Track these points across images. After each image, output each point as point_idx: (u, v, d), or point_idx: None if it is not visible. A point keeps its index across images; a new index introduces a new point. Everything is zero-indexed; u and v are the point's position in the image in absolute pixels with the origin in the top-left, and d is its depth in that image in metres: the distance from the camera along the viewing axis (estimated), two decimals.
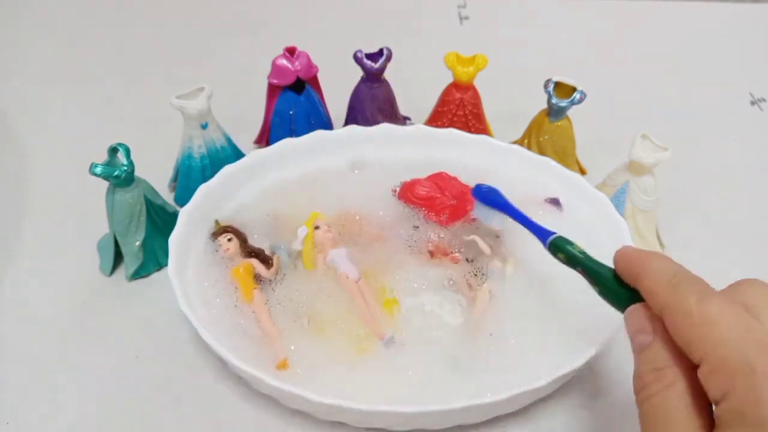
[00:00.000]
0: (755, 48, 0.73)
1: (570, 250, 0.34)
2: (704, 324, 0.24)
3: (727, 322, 0.24)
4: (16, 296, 0.44)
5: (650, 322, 0.27)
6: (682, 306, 0.25)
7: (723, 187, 0.54)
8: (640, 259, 0.29)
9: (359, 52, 0.50)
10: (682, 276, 0.27)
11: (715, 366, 0.23)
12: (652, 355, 0.26)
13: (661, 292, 0.27)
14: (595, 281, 0.32)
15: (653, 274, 0.28)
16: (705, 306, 0.25)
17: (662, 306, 0.26)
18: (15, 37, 0.71)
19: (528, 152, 0.48)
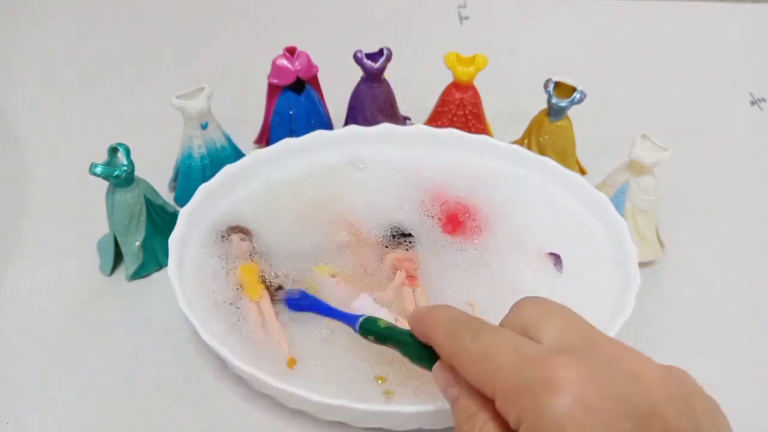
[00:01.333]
0: (755, 48, 0.73)
1: (376, 328, 0.33)
2: (482, 360, 0.25)
3: (499, 350, 0.25)
4: (16, 296, 0.44)
5: (453, 375, 0.28)
6: (461, 349, 0.26)
7: (723, 187, 0.54)
8: (426, 315, 0.30)
9: (359, 52, 0.50)
10: (458, 321, 0.28)
11: (504, 395, 0.24)
12: (462, 405, 0.27)
13: (445, 343, 0.28)
14: (403, 351, 0.32)
15: (436, 327, 0.28)
16: (478, 343, 0.26)
17: (449, 356, 0.27)
18: (15, 37, 0.71)
19: (528, 152, 0.48)
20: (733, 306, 0.45)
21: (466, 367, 0.26)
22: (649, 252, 0.46)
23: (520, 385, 0.23)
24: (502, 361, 0.25)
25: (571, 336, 0.25)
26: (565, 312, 0.27)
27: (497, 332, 0.26)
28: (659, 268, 0.47)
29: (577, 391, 0.22)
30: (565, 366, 0.23)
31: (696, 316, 0.44)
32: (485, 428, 0.25)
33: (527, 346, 0.25)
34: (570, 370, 0.23)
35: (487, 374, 0.25)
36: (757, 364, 0.42)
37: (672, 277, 0.47)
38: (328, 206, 0.46)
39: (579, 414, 0.22)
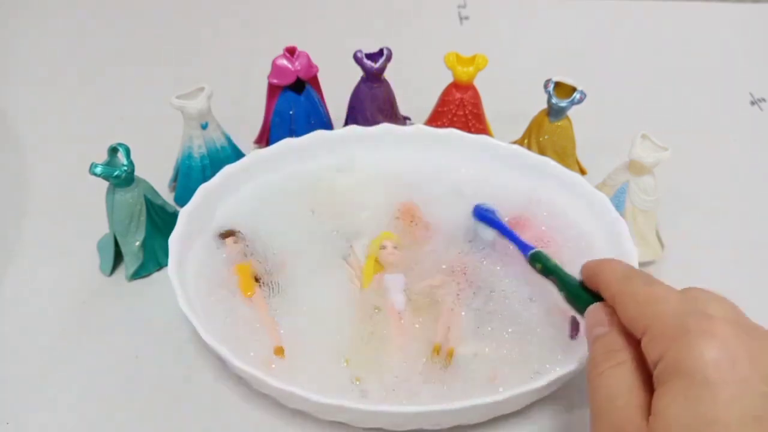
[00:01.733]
0: (755, 48, 0.73)
1: (546, 261, 0.37)
2: (648, 302, 0.27)
3: (668, 298, 0.27)
4: (16, 296, 0.44)
5: (607, 316, 0.29)
6: (630, 290, 0.28)
7: (723, 187, 0.54)
8: (600, 263, 0.32)
9: (359, 52, 0.50)
10: (634, 271, 0.30)
11: (655, 334, 0.26)
12: (606, 341, 0.28)
13: (614, 283, 0.30)
14: (564, 287, 0.35)
15: (608, 271, 0.31)
16: (650, 288, 0.28)
17: (614, 294, 0.29)
18: (15, 37, 0.71)
19: (528, 152, 0.48)
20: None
21: (629, 305, 0.28)
22: (649, 252, 0.46)
23: (678, 327, 0.25)
24: (669, 305, 0.26)
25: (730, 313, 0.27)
26: (729, 302, 0.28)
27: (671, 288, 0.28)
28: (659, 268, 0.47)
29: (728, 347, 0.24)
30: (723, 326, 0.24)
31: None
32: (621, 366, 0.27)
33: (696, 305, 0.26)
34: (726, 330, 0.24)
35: (647, 314, 0.26)
36: None
37: (672, 277, 0.46)
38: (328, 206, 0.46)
39: (725, 364, 0.23)
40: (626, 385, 0.26)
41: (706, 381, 0.23)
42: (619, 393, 0.26)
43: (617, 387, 0.26)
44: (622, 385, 0.26)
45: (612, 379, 0.27)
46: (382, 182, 0.48)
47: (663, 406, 0.24)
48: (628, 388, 0.26)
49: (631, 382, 0.26)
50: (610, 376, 0.27)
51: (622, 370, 0.27)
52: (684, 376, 0.24)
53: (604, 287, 0.30)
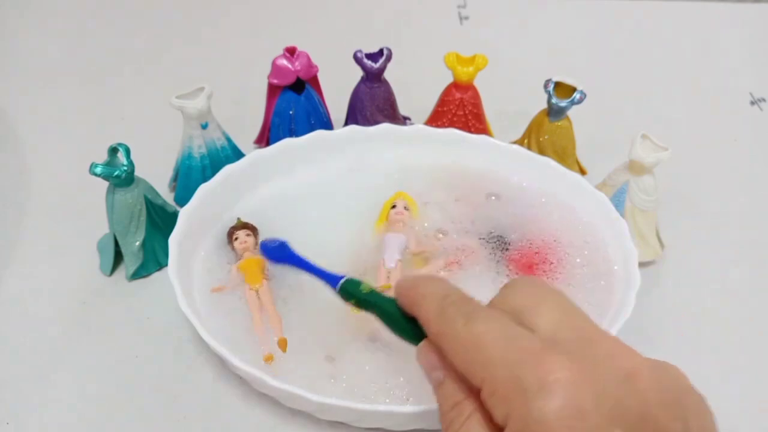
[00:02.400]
0: (755, 48, 0.73)
1: (358, 292, 0.32)
2: (473, 346, 0.24)
3: (492, 339, 0.24)
4: (16, 296, 0.44)
5: (439, 357, 0.26)
6: (451, 332, 0.25)
7: (723, 187, 0.54)
8: (415, 286, 0.28)
9: (359, 52, 0.50)
10: (451, 299, 0.26)
11: (491, 389, 0.23)
12: (447, 391, 0.26)
13: (432, 319, 0.26)
14: (385, 319, 0.30)
15: (425, 302, 0.27)
16: (470, 327, 0.24)
17: (436, 335, 0.26)
18: (15, 37, 0.71)
19: (528, 152, 0.48)
20: (733, 306, 0.45)
21: (455, 351, 0.25)
22: (649, 252, 0.46)
23: (511, 381, 0.22)
24: (495, 351, 0.23)
25: (567, 329, 0.25)
26: (562, 300, 0.26)
27: (491, 318, 0.25)
28: (659, 268, 0.47)
29: (570, 395, 0.21)
30: (560, 366, 0.22)
31: (696, 316, 0.44)
32: (471, 419, 0.24)
33: (521, 338, 0.24)
34: (564, 371, 0.22)
35: (477, 363, 0.24)
36: (756, 364, 0.42)
37: (672, 277, 0.47)
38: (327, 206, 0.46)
39: (571, 419, 0.21)
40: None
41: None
42: None
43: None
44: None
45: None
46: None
47: None
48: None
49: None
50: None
51: (473, 424, 0.24)
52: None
53: (425, 324, 0.27)
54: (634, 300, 0.38)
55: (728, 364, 0.41)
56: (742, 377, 0.41)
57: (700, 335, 0.43)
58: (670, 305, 0.45)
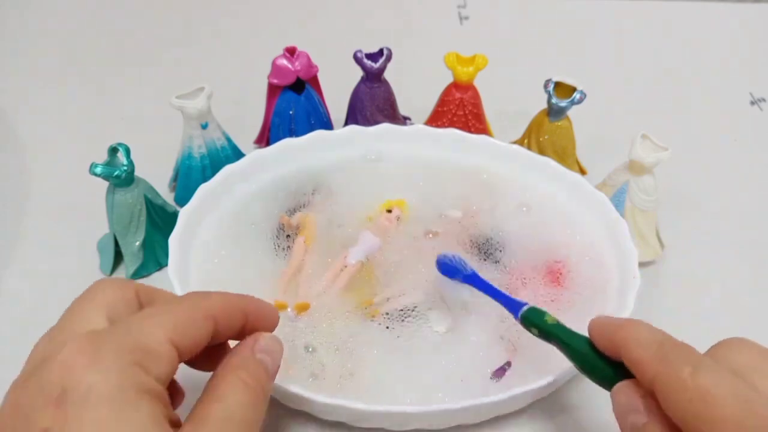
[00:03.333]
0: (755, 48, 0.73)
1: (543, 323, 0.31)
2: (701, 399, 0.23)
3: (724, 396, 0.23)
4: (16, 296, 0.44)
5: (642, 399, 0.25)
6: (674, 379, 0.24)
7: (723, 187, 0.54)
8: (620, 328, 0.27)
9: (359, 52, 0.50)
10: (670, 344, 0.26)
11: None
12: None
13: (649, 362, 0.25)
14: (572, 356, 0.30)
15: (637, 344, 0.26)
16: (699, 378, 0.23)
17: (652, 378, 0.25)
18: (15, 37, 0.71)
19: (528, 152, 0.48)
20: (733, 306, 0.45)
21: (676, 401, 0.24)
22: (649, 252, 0.46)
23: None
24: (728, 410, 0.22)
25: None
26: None
27: (719, 371, 0.24)
28: (659, 268, 0.47)
29: None
30: None
31: (696, 316, 0.44)
32: None
33: (756, 402, 0.23)
34: None
35: (704, 419, 0.23)
36: None
37: (672, 277, 0.47)
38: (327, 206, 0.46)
39: None
40: None
41: None
42: None
43: None
44: None
45: None
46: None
47: None
48: None
49: None
50: None
51: None
52: None
53: (634, 366, 0.26)
54: (634, 300, 0.38)
55: None
56: None
57: (700, 335, 0.43)
58: (670, 305, 0.45)
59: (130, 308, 0.27)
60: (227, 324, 0.28)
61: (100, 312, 0.26)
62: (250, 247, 0.43)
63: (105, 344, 0.24)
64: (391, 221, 0.44)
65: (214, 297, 0.28)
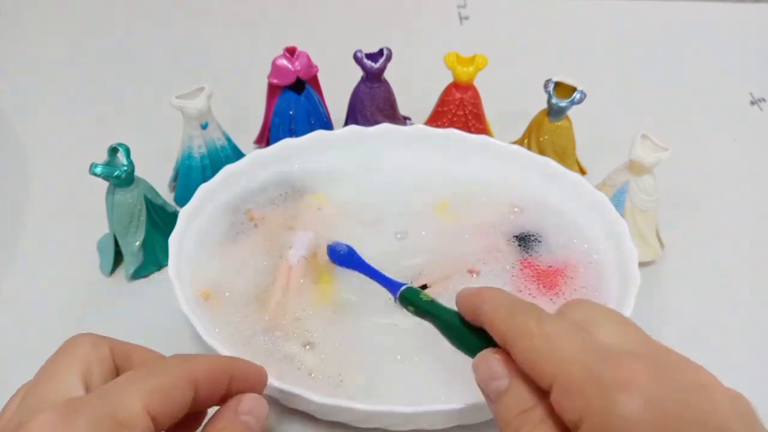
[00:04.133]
0: (755, 48, 0.73)
1: (418, 300, 0.33)
2: (546, 343, 0.24)
3: (566, 338, 0.24)
4: (16, 296, 0.44)
5: (503, 364, 0.26)
6: (523, 329, 0.25)
7: (723, 187, 0.54)
8: (477, 294, 0.29)
9: (359, 52, 0.50)
10: (518, 303, 0.27)
11: (565, 387, 0.23)
12: (513, 399, 0.25)
13: (502, 319, 0.26)
14: (443, 329, 0.31)
15: (490, 305, 0.27)
16: (544, 325, 0.24)
17: (504, 333, 0.26)
18: (15, 37, 0.71)
19: (528, 152, 0.48)
20: (733, 306, 0.45)
21: (525, 350, 0.24)
22: (649, 252, 0.46)
23: (587, 379, 0.22)
24: (570, 349, 0.23)
25: (632, 342, 0.24)
26: (621, 317, 0.26)
27: (562, 320, 0.25)
28: (659, 268, 0.47)
29: (650, 395, 0.21)
30: (637, 368, 0.22)
31: (696, 316, 0.44)
32: (543, 424, 0.24)
33: (593, 340, 0.24)
34: (641, 373, 0.22)
35: (550, 360, 0.23)
36: (757, 364, 0.42)
37: (672, 277, 0.47)
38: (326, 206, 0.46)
39: (650, 418, 0.21)
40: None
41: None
42: None
43: None
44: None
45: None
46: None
47: None
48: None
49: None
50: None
51: (544, 430, 0.24)
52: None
53: (489, 326, 0.27)
54: (634, 300, 0.38)
55: (728, 364, 0.41)
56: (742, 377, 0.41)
57: (700, 335, 0.43)
58: (670, 305, 0.45)
59: (105, 368, 0.27)
60: (210, 389, 0.27)
61: (74, 374, 0.26)
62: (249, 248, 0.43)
63: (79, 417, 0.23)
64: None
65: (196, 361, 0.27)
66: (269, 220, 0.45)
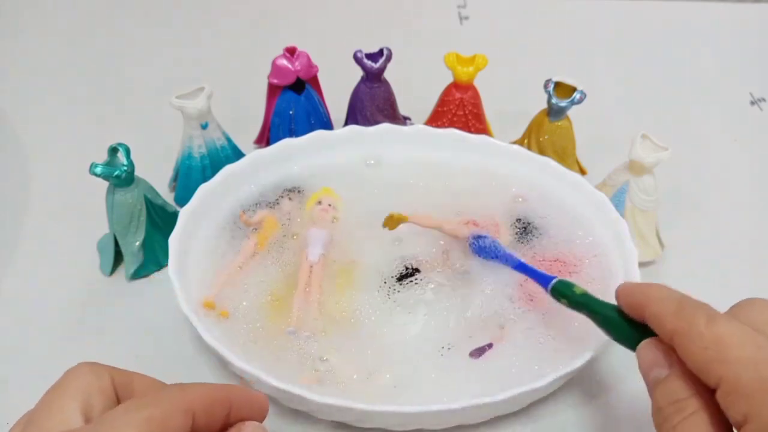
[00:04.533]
0: (755, 48, 0.73)
1: (572, 294, 0.34)
2: (716, 345, 0.24)
3: (738, 341, 0.24)
4: (16, 296, 0.44)
5: (664, 355, 0.27)
6: (691, 329, 0.25)
7: (723, 187, 0.54)
8: (643, 290, 0.29)
9: (359, 52, 0.50)
10: (688, 300, 0.27)
11: (732, 387, 0.23)
12: (670, 388, 0.26)
13: (669, 317, 0.27)
14: (600, 322, 0.32)
15: (658, 302, 0.28)
16: (714, 327, 0.25)
17: (671, 332, 0.26)
18: (15, 37, 0.71)
19: (528, 152, 0.48)
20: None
21: (693, 349, 0.25)
22: (649, 252, 0.46)
23: (758, 381, 0.23)
24: (741, 352, 0.24)
25: None
26: None
27: (733, 322, 0.25)
28: (659, 268, 0.47)
29: None
30: None
31: None
32: (695, 416, 0.25)
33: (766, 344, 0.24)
34: None
35: (718, 362, 0.24)
36: None
37: (672, 277, 0.47)
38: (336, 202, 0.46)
39: None
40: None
41: None
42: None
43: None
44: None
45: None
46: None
47: None
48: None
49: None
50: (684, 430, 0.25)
51: (696, 422, 0.25)
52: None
53: (655, 322, 0.28)
54: None
55: None
56: None
57: None
58: None
59: (106, 399, 0.27)
60: (208, 418, 0.27)
61: (74, 405, 0.26)
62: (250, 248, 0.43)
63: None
64: (327, 210, 0.45)
65: (194, 390, 0.27)
66: (269, 221, 0.44)
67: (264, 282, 0.41)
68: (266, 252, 0.43)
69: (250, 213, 0.45)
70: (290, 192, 0.46)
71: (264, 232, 0.44)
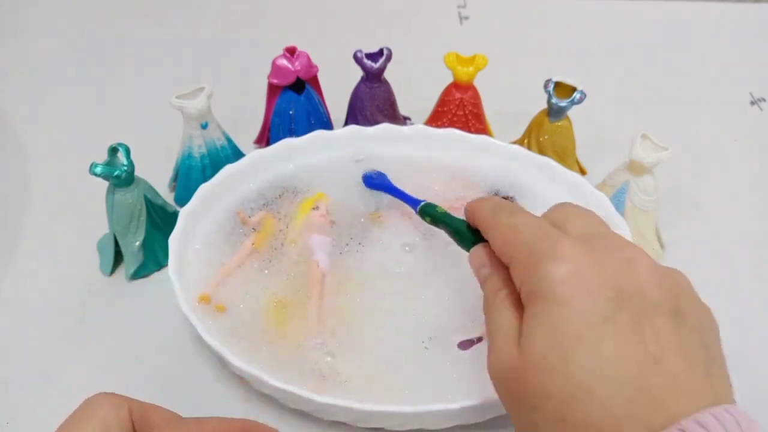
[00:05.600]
0: (755, 48, 0.73)
1: (434, 212, 0.39)
2: (510, 231, 0.29)
3: (525, 227, 0.29)
4: (16, 296, 0.44)
5: (488, 256, 0.31)
6: (497, 222, 0.30)
7: (723, 187, 0.54)
8: (476, 203, 0.34)
9: (359, 52, 0.50)
10: (502, 203, 0.32)
11: (516, 264, 0.28)
12: (492, 281, 0.30)
13: (486, 218, 0.32)
14: (453, 234, 0.36)
15: (481, 209, 0.33)
16: (512, 219, 0.30)
17: (486, 229, 0.31)
18: (15, 37, 0.71)
19: (528, 152, 0.48)
20: (733, 306, 0.45)
21: (496, 237, 0.30)
22: (649, 252, 0.46)
23: (530, 254, 0.27)
24: (525, 234, 0.28)
25: (589, 230, 0.28)
26: (593, 215, 0.30)
27: (530, 215, 0.30)
28: None
29: (575, 263, 0.25)
30: (571, 245, 0.26)
31: None
32: (506, 299, 0.29)
33: (548, 228, 0.28)
34: (574, 248, 0.26)
35: (509, 244, 0.29)
36: (757, 364, 0.42)
37: None
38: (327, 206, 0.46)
39: (571, 280, 0.25)
40: (506, 316, 0.28)
41: (558, 299, 0.25)
42: (501, 325, 0.28)
43: (500, 320, 0.28)
44: (503, 318, 0.28)
45: (496, 313, 0.29)
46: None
47: (528, 329, 0.26)
48: (508, 318, 0.28)
49: (510, 314, 0.28)
50: (495, 311, 0.29)
51: (505, 304, 0.28)
52: (540, 299, 0.26)
53: (479, 224, 0.32)
54: None
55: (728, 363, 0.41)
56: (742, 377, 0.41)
57: None
58: None
59: (123, 430, 0.27)
60: None
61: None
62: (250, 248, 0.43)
63: None
64: (325, 216, 0.45)
65: (209, 423, 0.29)
66: (268, 221, 0.44)
67: (267, 288, 0.41)
68: (266, 254, 0.43)
69: (249, 213, 0.45)
70: (290, 192, 0.46)
71: (263, 232, 0.44)
